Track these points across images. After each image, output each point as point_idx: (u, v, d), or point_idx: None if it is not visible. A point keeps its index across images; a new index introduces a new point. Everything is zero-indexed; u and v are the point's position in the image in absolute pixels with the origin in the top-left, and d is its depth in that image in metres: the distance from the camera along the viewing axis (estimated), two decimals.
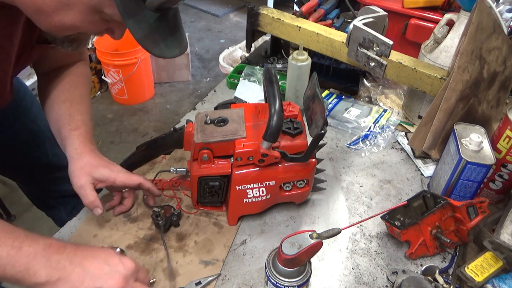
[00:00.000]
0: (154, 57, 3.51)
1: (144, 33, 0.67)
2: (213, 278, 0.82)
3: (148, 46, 0.69)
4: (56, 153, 1.34)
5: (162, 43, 0.70)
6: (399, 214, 0.89)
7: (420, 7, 1.42)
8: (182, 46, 0.74)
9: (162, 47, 0.70)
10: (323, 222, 0.96)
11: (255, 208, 0.92)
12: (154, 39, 0.69)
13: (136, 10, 0.64)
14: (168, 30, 0.71)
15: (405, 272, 0.82)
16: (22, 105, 1.20)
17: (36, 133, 1.24)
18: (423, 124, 1.04)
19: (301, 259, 0.67)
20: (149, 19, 0.67)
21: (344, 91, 1.38)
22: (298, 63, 1.17)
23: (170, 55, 0.72)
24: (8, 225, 0.66)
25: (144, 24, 0.66)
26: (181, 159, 1.10)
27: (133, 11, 0.64)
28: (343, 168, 1.11)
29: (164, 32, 0.70)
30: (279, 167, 0.86)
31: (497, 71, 0.99)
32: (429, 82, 1.09)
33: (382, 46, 0.97)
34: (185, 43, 0.75)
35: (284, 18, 1.26)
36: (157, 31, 0.69)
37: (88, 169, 0.86)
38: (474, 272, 0.79)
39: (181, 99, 3.22)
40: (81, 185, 0.84)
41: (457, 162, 0.88)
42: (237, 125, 0.86)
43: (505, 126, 0.89)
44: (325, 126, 0.77)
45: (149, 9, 0.65)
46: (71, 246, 0.69)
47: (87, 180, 0.85)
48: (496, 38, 0.95)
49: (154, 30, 0.68)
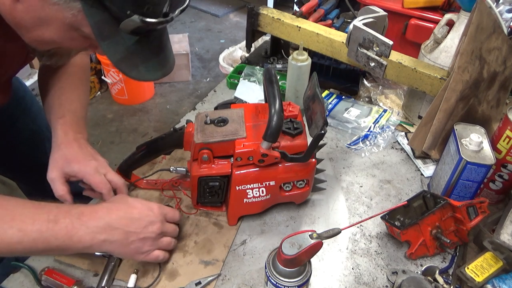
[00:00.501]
0: None
1: (120, 56, 0.65)
2: (213, 278, 0.82)
3: (125, 69, 0.66)
4: None
5: (141, 65, 0.67)
6: (399, 214, 0.89)
7: (420, 7, 1.42)
8: (166, 67, 0.71)
9: (141, 70, 0.67)
10: (323, 222, 0.96)
11: (255, 208, 0.92)
12: (132, 62, 0.66)
13: (112, 32, 0.62)
14: (150, 52, 0.68)
15: (405, 272, 0.82)
16: (22, 105, 1.20)
17: (36, 133, 1.24)
18: (423, 124, 1.04)
19: (301, 259, 0.67)
20: (127, 41, 0.64)
21: (344, 91, 1.38)
22: (298, 63, 1.17)
23: (150, 79, 0.69)
24: (35, 202, 0.71)
25: (121, 47, 0.64)
26: (181, 159, 1.10)
27: (109, 33, 0.62)
28: (343, 168, 1.11)
29: (145, 54, 0.67)
30: (279, 167, 0.86)
31: (497, 71, 0.99)
32: (429, 82, 1.09)
33: (382, 46, 0.97)
34: (170, 64, 0.72)
35: (284, 18, 1.26)
36: (136, 54, 0.66)
37: (61, 162, 0.86)
38: (474, 272, 0.79)
39: (181, 99, 3.22)
40: (52, 178, 0.85)
41: (457, 162, 0.88)
42: (237, 125, 0.86)
43: (505, 126, 0.89)
44: (325, 126, 0.77)
45: (125, 33, 0.62)
46: (101, 209, 0.74)
47: (58, 174, 0.85)
48: (496, 38, 0.95)
49: (133, 53, 0.65)
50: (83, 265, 0.84)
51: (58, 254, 0.83)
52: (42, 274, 0.80)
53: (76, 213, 0.71)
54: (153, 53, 0.69)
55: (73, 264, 0.84)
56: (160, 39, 0.70)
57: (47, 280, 0.79)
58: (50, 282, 0.79)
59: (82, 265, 0.84)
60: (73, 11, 0.60)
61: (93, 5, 0.58)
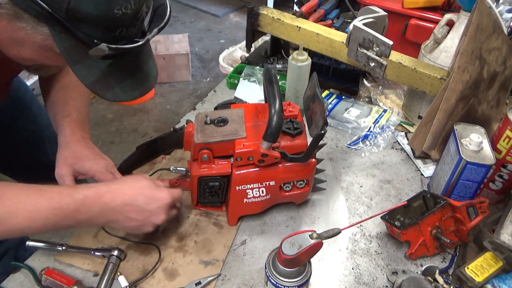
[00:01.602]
0: (155, 56, 3.51)
1: (94, 78, 0.63)
2: (213, 278, 0.82)
3: (99, 92, 0.65)
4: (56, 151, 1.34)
5: (117, 87, 0.66)
6: (399, 214, 0.89)
7: (420, 7, 1.42)
8: (144, 86, 0.70)
9: (117, 91, 0.66)
10: (323, 222, 0.96)
11: (255, 208, 0.92)
12: (106, 84, 0.65)
13: (82, 57, 0.60)
14: (126, 72, 0.67)
15: (405, 272, 0.82)
16: (22, 104, 1.21)
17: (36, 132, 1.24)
18: (423, 124, 1.04)
19: (301, 259, 0.67)
20: (100, 64, 0.63)
21: (344, 91, 1.38)
22: (298, 63, 1.17)
23: (127, 99, 0.68)
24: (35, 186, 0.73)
25: (94, 70, 0.63)
26: (181, 159, 1.10)
27: (79, 58, 0.61)
28: (343, 168, 1.11)
29: (120, 76, 0.66)
30: (279, 167, 0.86)
31: (497, 71, 0.99)
32: (429, 82, 1.09)
33: (382, 46, 0.97)
34: (150, 82, 0.70)
35: (284, 18, 1.26)
36: (110, 76, 0.65)
37: (71, 159, 0.87)
38: (474, 272, 0.79)
39: (181, 99, 3.21)
40: (61, 175, 0.86)
41: (457, 162, 0.88)
42: (237, 125, 0.86)
43: (505, 126, 0.89)
44: (325, 126, 0.77)
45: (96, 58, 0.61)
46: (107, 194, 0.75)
47: (68, 171, 0.86)
48: (496, 38, 0.95)
49: (107, 75, 0.64)
50: (83, 265, 0.84)
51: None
52: (42, 274, 0.80)
53: (80, 199, 0.73)
54: (129, 74, 0.67)
55: (73, 264, 0.84)
56: (136, 58, 0.68)
57: (47, 280, 0.79)
58: (50, 282, 0.79)
59: (82, 265, 0.84)
60: (42, 36, 0.59)
61: (61, 31, 0.57)
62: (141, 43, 0.61)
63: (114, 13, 0.56)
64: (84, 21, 0.55)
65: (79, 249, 0.86)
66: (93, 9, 0.55)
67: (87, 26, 0.56)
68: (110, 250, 0.84)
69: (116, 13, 0.56)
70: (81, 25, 0.56)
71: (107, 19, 0.56)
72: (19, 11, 0.56)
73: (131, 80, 0.68)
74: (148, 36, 0.62)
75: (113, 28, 0.58)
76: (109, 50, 0.58)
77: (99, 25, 0.57)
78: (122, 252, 0.85)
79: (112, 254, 0.83)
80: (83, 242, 0.88)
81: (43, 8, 0.53)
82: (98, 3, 0.55)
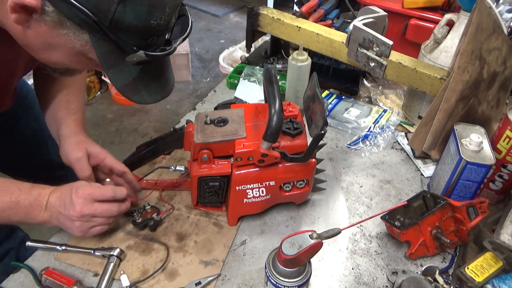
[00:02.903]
0: None
1: (125, 82, 0.68)
2: (213, 278, 0.82)
3: (128, 95, 0.69)
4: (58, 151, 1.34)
5: (144, 90, 0.70)
6: (399, 214, 0.89)
7: (420, 7, 1.42)
8: (166, 90, 0.74)
9: (144, 94, 0.70)
10: (323, 222, 0.96)
11: (255, 208, 0.92)
12: (135, 87, 0.69)
13: (117, 62, 0.64)
14: (152, 78, 0.71)
15: (405, 272, 0.82)
16: (25, 103, 1.21)
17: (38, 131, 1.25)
18: (423, 125, 1.04)
19: (301, 259, 0.67)
20: (132, 69, 0.67)
21: (344, 91, 1.38)
22: (298, 63, 1.17)
23: (151, 101, 0.72)
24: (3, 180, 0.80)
25: (126, 74, 0.67)
26: (181, 159, 1.10)
27: (114, 63, 0.65)
28: (343, 168, 1.11)
29: (147, 80, 0.70)
30: (279, 167, 0.86)
31: (497, 71, 0.99)
32: (429, 82, 1.09)
33: (382, 46, 0.97)
34: (170, 86, 0.75)
35: (284, 18, 1.26)
36: (139, 80, 0.69)
37: (82, 144, 0.90)
38: (474, 272, 0.79)
39: (181, 99, 3.21)
40: (79, 157, 0.88)
41: (457, 162, 0.88)
42: (237, 125, 0.86)
43: (505, 126, 0.89)
44: (325, 127, 0.77)
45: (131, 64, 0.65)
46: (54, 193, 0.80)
47: (83, 153, 0.89)
48: (496, 38, 0.95)
49: (137, 79, 0.68)
50: (83, 265, 0.84)
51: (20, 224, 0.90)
52: (42, 274, 0.80)
53: (35, 194, 0.79)
54: (155, 78, 0.72)
55: (73, 264, 0.84)
56: (161, 64, 0.72)
57: (47, 280, 0.79)
58: (50, 282, 0.79)
59: (82, 265, 0.84)
60: (81, 42, 0.62)
61: (101, 38, 0.61)
62: (171, 50, 0.66)
63: (151, 23, 0.60)
64: (125, 30, 0.60)
65: (79, 249, 0.86)
66: (135, 20, 0.59)
67: (126, 34, 0.60)
68: (110, 250, 0.84)
69: (152, 23, 0.61)
70: (121, 33, 0.60)
71: (144, 28, 0.61)
72: (63, 19, 0.59)
73: (156, 84, 0.72)
74: (174, 44, 0.66)
75: (147, 37, 0.62)
76: (146, 56, 0.62)
77: (137, 33, 0.61)
78: (122, 252, 0.85)
79: (112, 254, 0.83)
80: (83, 242, 0.88)
81: (88, 17, 0.57)
82: (140, 15, 0.59)
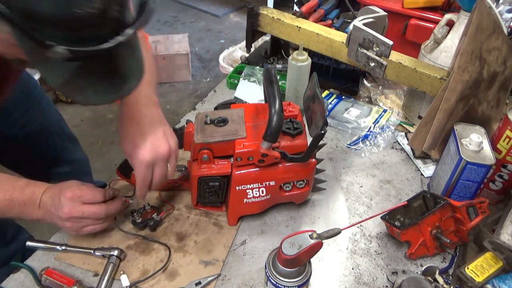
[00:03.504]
0: (154, 57, 3.47)
1: (62, 80, 0.58)
2: (213, 278, 0.82)
3: (70, 94, 0.62)
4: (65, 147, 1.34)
5: (90, 90, 0.61)
6: (399, 214, 0.89)
7: (420, 7, 1.42)
8: (122, 89, 0.64)
9: (90, 94, 0.62)
10: (323, 222, 0.96)
11: (255, 208, 0.92)
12: (77, 86, 0.60)
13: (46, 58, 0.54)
14: (100, 75, 0.61)
15: (405, 272, 0.82)
16: (32, 98, 1.20)
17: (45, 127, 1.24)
18: (423, 125, 1.04)
19: (301, 259, 0.67)
20: (67, 66, 0.57)
21: (344, 91, 1.38)
22: (298, 63, 1.17)
23: (100, 102, 0.63)
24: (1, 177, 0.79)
25: (61, 71, 0.58)
26: (181, 159, 1.10)
27: (42, 59, 0.55)
28: (343, 168, 1.11)
29: (94, 78, 0.61)
30: (279, 167, 0.86)
31: (497, 71, 0.99)
32: (429, 82, 1.09)
33: (382, 46, 0.97)
34: (129, 84, 0.64)
35: (284, 18, 1.26)
36: (82, 78, 0.59)
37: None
38: (474, 272, 0.79)
39: (181, 99, 3.21)
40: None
41: (457, 162, 0.88)
42: (237, 125, 0.86)
43: (505, 126, 0.89)
44: (325, 127, 0.77)
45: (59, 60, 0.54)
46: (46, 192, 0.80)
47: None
48: (496, 38, 0.95)
49: (78, 77, 0.59)
50: (83, 265, 0.84)
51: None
52: (42, 274, 0.80)
53: (28, 193, 0.79)
54: (104, 76, 0.61)
55: (73, 264, 0.84)
56: (113, 60, 0.61)
57: (47, 280, 0.80)
58: (50, 282, 0.79)
59: (82, 265, 0.84)
60: (5, 34, 0.53)
61: (18, 30, 0.51)
62: (111, 46, 0.55)
63: (74, 12, 0.51)
64: (42, 21, 0.51)
65: (79, 249, 0.86)
66: (50, 8, 0.50)
67: (47, 26, 0.51)
68: (110, 250, 0.84)
69: (77, 12, 0.51)
70: (40, 25, 0.51)
71: (66, 19, 0.51)
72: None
73: (106, 83, 0.62)
74: (120, 37, 0.55)
75: (76, 29, 0.53)
76: (70, 52, 0.52)
77: (58, 25, 0.52)
78: (122, 252, 0.85)
79: (112, 254, 0.84)
80: (83, 242, 0.88)
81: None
82: (56, 3, 0.50)
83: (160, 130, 0.82)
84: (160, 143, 0.80)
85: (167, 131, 0.83)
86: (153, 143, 0.80)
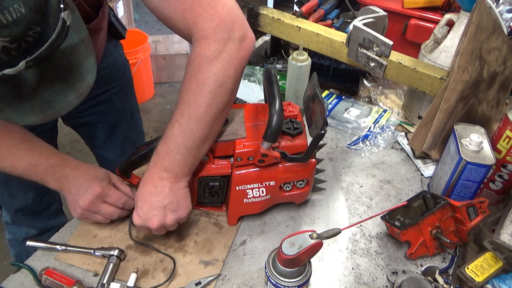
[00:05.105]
0: (154, 57, 3.45)
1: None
2: (213, 278, 0.82)
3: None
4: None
5: (8, 109, 0.60)
6: (399, 214, 0.89)
7: (420, 7, 1.42)
8: (46, 112, 0.62)
9: (9, 114, 0.60)
10: (323, 222, 0.96)
11: (255, 208, 0.92)
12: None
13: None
14: (17, 95, 0.59)
15: (405, 272, 0.82)
16: (121, 83, 1.32)
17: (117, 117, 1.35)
18: (423, 125, 1.04)
19: (301, 260, 0.67)
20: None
21: (344, 91, 1.38)
22: (298, 63, 1.17)
23: (24, 123, 0.62)
24: (29, 141, 0.85)
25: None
26: None
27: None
28: (343, 168, 1.11)
29: (9, 98, 0.59)
30: (279, 167, 0.86)
31: (497, 71, 0.99)
32: (429, 82, 1.09)
33: (382, 46, 0.97)
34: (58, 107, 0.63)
35: (284, 18, 1.26)
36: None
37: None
38: (474, 272, 0.79)
39: None
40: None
41: (457, 162, 0.88)
42: (237, 125, 0.86)
43: (505, 126, 0.89)
44: (325, 127, 0.77)
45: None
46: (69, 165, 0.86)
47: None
48: (496, 38, 0.95)
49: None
50: (83, 265, 0.84)
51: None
52: (42, 274, 0.80)
53: (52, 163, 0.84)
54: (23, 97, 0.60)
55: (73, 264, 0.84)
56: (31, 82, 0.59)
57: (47, 280, 0.79)
58: (50, 282, 0.79)
59: (82, 265, 0.84)
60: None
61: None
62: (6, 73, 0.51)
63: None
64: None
65: (79, 249, 0.86)
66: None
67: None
68: (110, 250, 0.84)
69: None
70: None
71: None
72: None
73: (27, 105, 0.61)
74: (20, 66, 0.51)
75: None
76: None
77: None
78: (122, 252, 0.85)
79: (112, 254, 0.83)
80: (83, 242, 0.88)
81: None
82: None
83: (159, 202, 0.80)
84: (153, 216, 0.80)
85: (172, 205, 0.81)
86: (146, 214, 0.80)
